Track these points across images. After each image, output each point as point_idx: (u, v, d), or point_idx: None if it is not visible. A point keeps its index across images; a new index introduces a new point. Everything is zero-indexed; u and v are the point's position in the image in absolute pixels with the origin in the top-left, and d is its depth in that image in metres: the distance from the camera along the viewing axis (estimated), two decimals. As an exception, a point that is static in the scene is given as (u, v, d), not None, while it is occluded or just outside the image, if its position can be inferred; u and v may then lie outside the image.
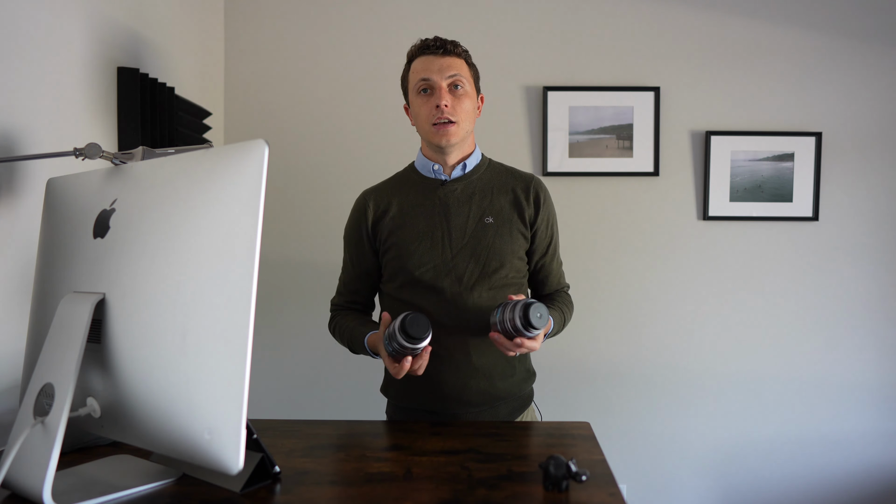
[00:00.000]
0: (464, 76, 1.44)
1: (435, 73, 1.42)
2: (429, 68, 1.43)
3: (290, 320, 2.37)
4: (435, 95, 1.43)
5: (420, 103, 1.45)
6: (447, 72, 1.42)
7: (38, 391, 0.92)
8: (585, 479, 0.92)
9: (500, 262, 1.45)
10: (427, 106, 1.44)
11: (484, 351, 1.45)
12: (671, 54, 2.35)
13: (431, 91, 1.44)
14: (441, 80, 1.42)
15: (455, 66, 1.43)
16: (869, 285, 2.36)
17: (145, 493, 0.94)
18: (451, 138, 1.44)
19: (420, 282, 1.44)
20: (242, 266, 0.80)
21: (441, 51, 1.43)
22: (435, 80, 1.42)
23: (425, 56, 1.44)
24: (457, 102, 1.43)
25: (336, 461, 1.10)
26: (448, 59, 1.43)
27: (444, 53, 1.43)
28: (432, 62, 1.43)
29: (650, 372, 2.38)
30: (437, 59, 1.43)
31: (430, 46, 1.44)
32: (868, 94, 2.34)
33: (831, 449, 2.38)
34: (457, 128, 1.43)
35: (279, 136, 2.36)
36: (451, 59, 1.43)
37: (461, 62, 1.45)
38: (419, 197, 1.49)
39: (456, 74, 1.43)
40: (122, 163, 1.12)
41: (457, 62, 1.44)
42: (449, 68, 1.43)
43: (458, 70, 1.43)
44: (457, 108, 1.43)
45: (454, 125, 1.43)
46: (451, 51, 1.44)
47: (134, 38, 1.71)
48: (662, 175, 2.36)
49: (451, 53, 1.44)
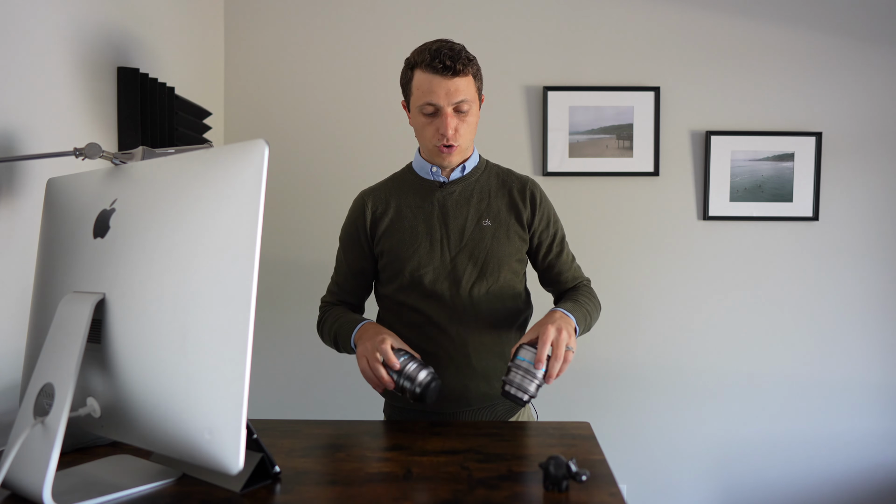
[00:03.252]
0: (469, 98, 1.38)
1: (441, 98, 1.36)
2: (435, 92, 1.36)
3: (290, 320, 2.37)
4: (440, 119, 1.38)
5: (424, 122, 1.41)
6: (454, 97, 1.36)
7: (38, 391, 0.92)
8: (585, 479, 0.92)
9: (498, 264, 1.45)
10: (430, 127, 1.40)
11: (482, 353, 1.45)
12: (671, 54, 2.35)
13: (436, 113, 1.39)
14: (447, 105, 1.37)
15: (462, 90, 1.37)
16: (869, 285, 2.36)
17: (145, 493, 0.94)
18: (453, 159, 1.45)
19: (418, 284, 1.44)
20: (242, 266, 0.80)
21: (450, 72, 1.35)
22: (441, 106, 1.37)
23: (432, 75, 1.36)
24: (461, 125, 1.40)
25: (336, 461, 1.10)
26: (456, 80, 1.36)
27: (452, 75, 1.35)
28: (439, 85, 1.36)
29: (650, 372, 2.38)
30: (445, 81, 1.35)
31: (437, 67, 1.35)
32: (868, 94, 2.34)
33: (831, 449, 2.37)
34: (459, 149, 1.43)
35: (279, 136, 2.36)
36: (458, 81, 1.36)
37: (469, 81, 1.38)
38: (417, 199, 1.48)
39: (462, 99, 1.37)
40: (122, 163, 1.12)
41: (463, 83, 1.37)
42: (456, 93, 1.36)
43: (464, 93, 1.37)
44: (461, 130, 1.40)
45: (457, 147, 1.42)
46: (460, 71, 1.36)
47: (134, 39, 1.71)
48: (662, 175, 2.36)
49: (460, 74, 1.36)
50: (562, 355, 1.24)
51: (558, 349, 1.24)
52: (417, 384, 1.25)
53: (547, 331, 1.25)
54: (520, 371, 1.24)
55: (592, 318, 1.46)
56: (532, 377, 1.23)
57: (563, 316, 1.32)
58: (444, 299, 1.44)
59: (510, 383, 1.24)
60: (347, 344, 1.41)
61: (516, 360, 1.24)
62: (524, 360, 1.23)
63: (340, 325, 1.45)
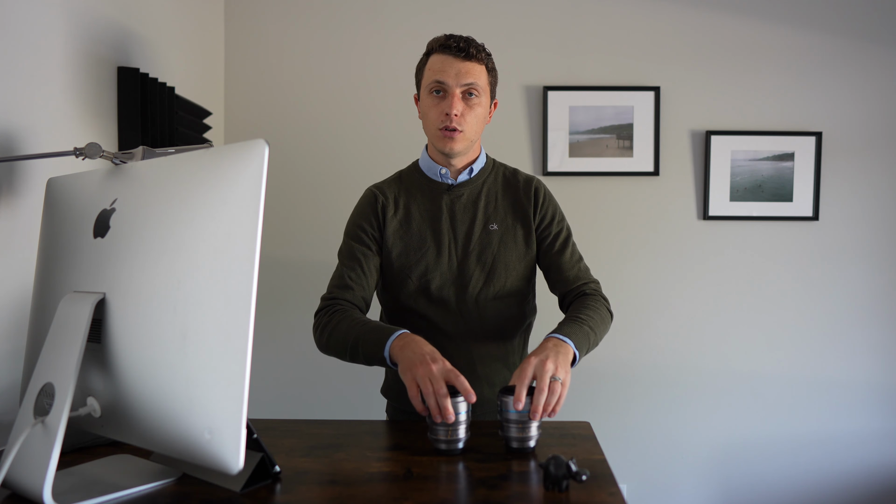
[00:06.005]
0: (480, 85, 1.38)
1: (451, 77, 1.36)
2: (445, 70, 1.36)
3: (290, 320, 2.37)
4: (446, 100, 1.37)
5: (430, 104, 1.40)
6: (464, 78, 1.36)
7: (38, 391, 0.92)
8: (585, 478, 0.92)
9: (505, 269, 1.44)
10: (437, 109, 1.39)
11: (486, 359, 1.44)
12: (671, 54, 2.35)
13: (444, 94, 1.38)
14: (456, 85, 1.36)
15: (473, 74, 1.37)
16: (869, 285, 2.36)
17: (145, 493, 0.94)
18: (455, 146, 1.40)
19: (425, 290, 1.43)
20: (242, 266, 0.80)
21: (463, 54, 1.36)
22: (449, 85, 1.36)
23: (445, 55, 1.37)
24: (468, 111, 1.38)
25: (336, 461, 1.10)
26: (468, 63, 1.36)
27: (465, 57, 1.36)
28: (451, 64, 1.36)
29: (650, 372, 2.38)
30: (457, 62, 1.36)
31: (451, 47, 1.36)
32: (868, 94, 2.34)
33: (831, 449, 2.37)
34: (463, 136, 1.39)
35: (279, 136, 2.36)
36: (470, 65, 1.37)
37: (481, 68, 1.38)
38: (426, 201, 1.46)
39: (472, 83, 1.37)
40: (122, 162, 1.12)
41: (476, 68, 1.37)
42: (467, 75, 1.36)
43: (475, 78, 1.37)
44: (467, 116, 1.38)
45: (460, 133, 1.39)
46: (473, 55, 1.36)
47: (134, 38, 1.71)
48: (662, 175, 2.36)
49: (473, 58, 1.37)
50: (545, 388, 1.12)
51: (541, 381, 1.13)
52: (452, 441, 1.12)
53: (523, 371, 1.14)
54: (511, 423, 1.13)
55: (598, 333, 1.34)
56: (525, 424, 1.13)
57: (557, 345, 1.21)
58: (450, 305, 1.43)
59: (510, 440, 1.13)
60: (377, 352, 1.25)
61: (506, 414, 1.13)
62: (512, 411, 1.12)
63: (368, 330, 1.28)
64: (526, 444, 1.13)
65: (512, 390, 1.14)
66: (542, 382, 1.13)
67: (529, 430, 1.12)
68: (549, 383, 1.13)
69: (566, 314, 1.38)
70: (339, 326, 1.33)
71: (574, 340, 1.25)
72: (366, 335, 1.28)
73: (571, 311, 1.37)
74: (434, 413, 1.10)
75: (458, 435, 1.12)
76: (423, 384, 1.12)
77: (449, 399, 1.10)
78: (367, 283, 1.42)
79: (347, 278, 1.41)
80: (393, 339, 1.23)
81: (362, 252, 1.43)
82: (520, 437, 1.12)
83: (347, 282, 1.40)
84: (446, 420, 1.09)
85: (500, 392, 1.15)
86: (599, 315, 1.37)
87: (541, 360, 1.15)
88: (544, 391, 1.12)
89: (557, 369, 1.15)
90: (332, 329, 1.34)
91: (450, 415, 1.09)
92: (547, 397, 1.12)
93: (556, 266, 1.47)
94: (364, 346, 1.27)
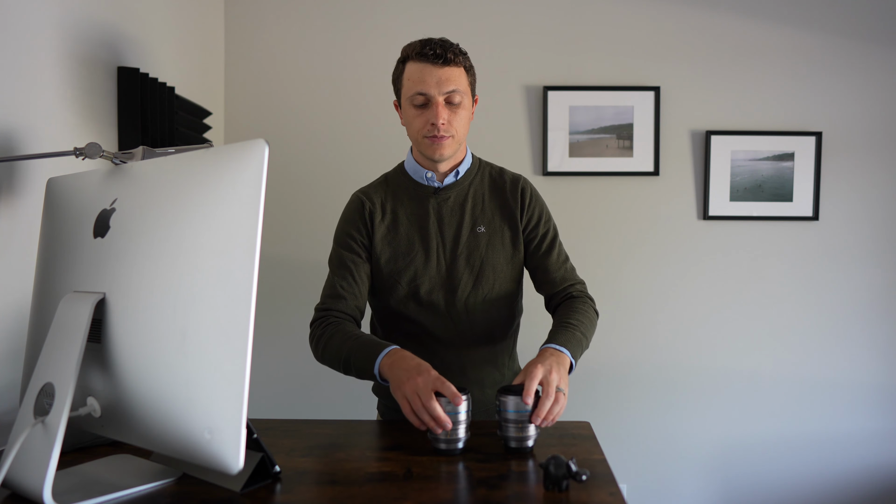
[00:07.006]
0: (461, 89, 1.36)
1: (433, 87, 1.34)
2: (426, 80, 1.34)
3: (290, 320, 2.36)
4: (431, 110, 1.35)
5: (414, 115, 1.38)
6: (445, 86, 1.34)
7: (38, 391, 0.92)
8: (585, 478, 0.92)
9: (493, 271, 1.44)
10: (421, 118, 1.37)
11: (477, 361, 1.45)
12: (671, 54, 2.35)
13: (427, 104, 1.36)
14: (438, 94, 1.34)
15: (453, 79, 1.35)
16: (869, 285, 2.36)
17: (145, 493, 0.94)
18: (444, 151, 1.39)
19: (415, 295, 1.42)
20: (242, 266, 0.80)
21: (441, 60, 1.34)
22: (432, 94, 1.34)
23: (422, 63, 1.35)
24: (453, 117, 1.37)
25: (336, 461, 1.10)
26: (447, 69, 1.35)
27: (443, 63, 1.34)
28: (430, 73, 1.34)
29: (650, 372, 2.38)
30: (436, 69, 1.34)
31: (428, 55, 1.34)
32: (868, 94, 2.34)
33: (831, 449, 2.37)
34: (451, 141, 1.38)
35: (279, 136, 2.36)
36: (450, 70, 1.35)
37: (460, 71, 1.37)
38: (413, 206, 1.45)
39: (454, 89, 1.35)
40: (122, 162, 1.12)
41: (455, 73, 1.36)
42: (447, 82, 1.35)
43: (456, 84, 1.35)
44: (452, 122, 1.37)
45: (449, 139, 1.38)
46: (451, 60, 1.35)
47: (134, 38, 1.71)
48: (662, 175, 2.36)
49: (451, 63, 1.35)
50: (552, 394, 1.13)
51: (548, 387, 1.14)
52: (451, 441, 1.13)
53: (532, 374, 1.15)
54: (510, 423, 1.14)
55: (589, 337, 1.38)
56: (524, 424, 1.13)
57: (556, 355, 1.22)
58: (439, 309, 1.42)
59: (509, 440, 1.14)
60: (367, 369, 1.25)
61: (505, 414, 1.14)
62: (511, 411, 1.13)
63: (359, 346, 1.29)
64: (524, 443, 1.14)
65: (511, 390, 1.15)
66: (549, 388, 1.14)
67: (528, 430, 1.13)
68: (556, 394, 1.15)
69: (556, 318, 1.40)
70: (332, 340, 1.33)
71: (570, 350, 1.27)
72: (357, 351, 1.28)
73: (563, 317, 1.38)
74: (431, 426, 1.11)
75: (458, 435, 1.12)
76: (413, 400, 1.12)
77: (439, 409, 1.10)
78: (359, 292, 1.42)
79: (339, 287, 1.41)
80: (381, 358, 1.23)
81: (352, 260, 1.43)
82: (518, 436, 1.13)
83: (340, 291, 1.40)
84: (444, 429, 1.10)
85: (499, 391, 1.16)
86: (588, 318, 1.40)
87: (547, 370, 1.17)
88: (551, 397, 1.13)
89: (560, 381, 1.18)
90: (326, 342, 1.34)
91: (446, 423, 1.10)
92: (551, 406, 1.14)
93: (543, 267, 1.47)
94: (355, 362, 1.28)
